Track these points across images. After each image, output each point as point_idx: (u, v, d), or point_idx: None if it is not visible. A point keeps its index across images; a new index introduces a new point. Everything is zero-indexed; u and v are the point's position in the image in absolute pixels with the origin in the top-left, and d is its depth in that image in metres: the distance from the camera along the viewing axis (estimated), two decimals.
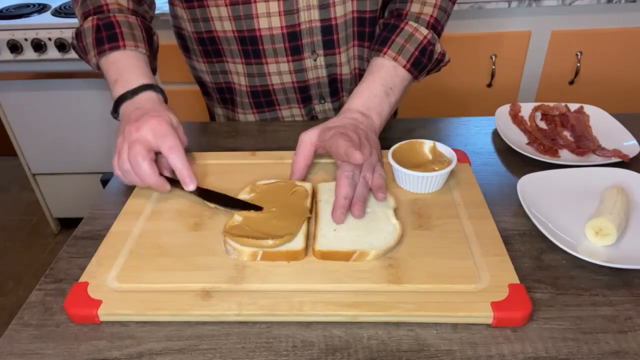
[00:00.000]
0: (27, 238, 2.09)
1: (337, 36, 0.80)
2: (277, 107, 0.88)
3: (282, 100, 0.87)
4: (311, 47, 0.80)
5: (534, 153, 0.73)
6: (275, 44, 0.79)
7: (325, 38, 0.80)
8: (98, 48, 0.71)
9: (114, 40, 0.70)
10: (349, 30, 0.81)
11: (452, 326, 0.48)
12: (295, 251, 0.54)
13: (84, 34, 0.73)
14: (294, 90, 0.85)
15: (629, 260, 0.54)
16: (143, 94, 0.68)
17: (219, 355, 0.46)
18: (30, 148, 1.85)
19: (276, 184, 0.65)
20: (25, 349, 0.48)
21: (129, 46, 0.70)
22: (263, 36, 0.78)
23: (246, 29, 0.78)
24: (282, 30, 0.78)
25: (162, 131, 0.62)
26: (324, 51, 0.81)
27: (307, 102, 0.88)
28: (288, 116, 0.90)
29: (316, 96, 0.87)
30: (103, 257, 0.56)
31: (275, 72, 0.83)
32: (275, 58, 0.81)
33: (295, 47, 0.80)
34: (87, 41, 0.72)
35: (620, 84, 1.64)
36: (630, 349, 0.46)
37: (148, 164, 0.61)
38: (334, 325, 0.49)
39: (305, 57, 0.81)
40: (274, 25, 0.77)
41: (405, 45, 0.73)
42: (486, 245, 0.56)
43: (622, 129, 0.77)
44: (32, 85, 1.70)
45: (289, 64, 0.82)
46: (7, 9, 1.71)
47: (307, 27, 0.78)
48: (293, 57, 0.81)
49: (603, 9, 1.51)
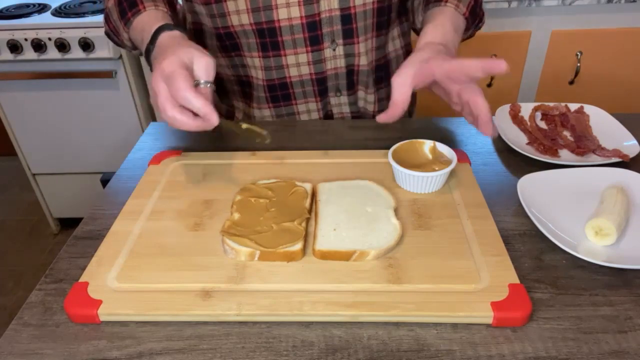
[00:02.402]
0: (27, 238, 2.09)
1: (356, 25, 0.80)
2: (293, 102, 0.88)
3: (299, 94, 0.87)
4: (331, 36, 0.80)
5: (534, 153, 0.73)
6: (294, 34, 0.79)
7: (344, 27, 0.80)
8: (123, 19, 0.74)
9: (135, 6, 0.73)
10: (368, 21, 0.81)
11: (452, 326, 0.48)
12: (293, 252, 0.54)
13: (110, 13, 0.76)
14: (311, 83, 0.85)
15: (629, 260, 0.54)
16: (158, 41, 0.67)
17: (219, 355, 0.46)
18: (30, 148, 1.85)
19: (276, 183, 0.65)
20: (25, 349, 0.48)
21: (148, 7, 0.73)
22: (282, 27, 0.78)
23: (265, 20, 0.78)
24: (301, 20, 0.78)
25: (168, 73, 0.57)
26: (343, 40, 0.81)
27: (323, 96, 0.87)
28: (304, 111, 0.89)
29: (333, 88, 0.87)
30: (103, 257, 0.56)
31: (293, 64, 0.83)
32: (294, 49, 0.81)
33: (314, 37, 0.80)
34: (114, 18, 0.76)
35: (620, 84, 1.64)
36: (630, 349, 0.46)
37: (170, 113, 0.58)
38: (334, 325, 0.49)
39: (324, 47, 0.81)
40: (294, 16, 0.77)
41: None
42: (486, 245, 0.56)
43: (622, 129, 0.77)
44: (32, 85, 1.70)
45: (307, 54, 0.82)
46: (7, 9, 1.71)
47: (327, 17, 0.78)
48: (312, 47, 0.81)
49: (603, 9, 1.51)
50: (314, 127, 0.85)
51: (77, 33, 1.58)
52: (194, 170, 0.71)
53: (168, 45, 0.64)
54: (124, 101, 1.73)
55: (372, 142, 0.79)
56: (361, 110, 0.91)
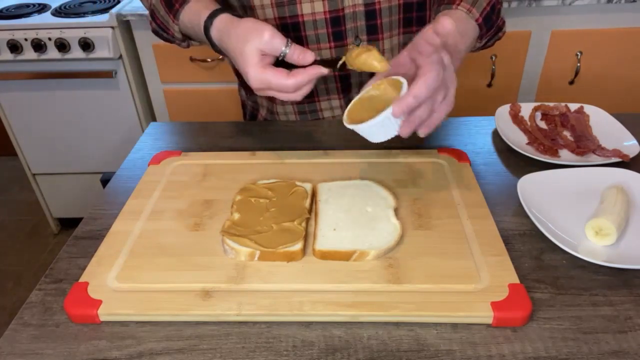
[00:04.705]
0: (27, 238, 2.09)
1: (381, 21, 0.80)
2: (316, 99, 0.88)
3: (321, 90, 0.86)
4: (354, 32, 0.80)
5: (534, 153, 0.73)
6: (317, 29, 0.79)
7: (368, 23, 0.79)
8: (171, 12, 0.73)
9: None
10: (394, 17, 0.80)
11: (452, 326, 0.48)
12: (293, 252, 0.54)
13: (156, 9, 0.76)
14: (334, 79, 0.85)
15: (629, 260, 0.54)
16: (212, 28, 0.67)
17: (219, 355, 0.46)
18: (30, 148, 1.85)
19: (276, 183, 0.65)
20: (25, 349, 0.48)
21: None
22: (305, 22, 0.78)
23: (288, 15, 0.78)
24: (324, 16, 0.78)
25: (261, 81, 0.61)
26: (367, 37, 0.81)
27: (346, 92, 0.87)
28: (327, 108, 0.89)
29: (356, 85, 0.86)
30: (103, 257, 0.56)
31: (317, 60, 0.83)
32: (317, 45, 0.81)
33: (337, 33, 0.80)
34: (161, 14, 0.76)
35: (620, 84, 1.64)
36: (630, 349, 0.46)
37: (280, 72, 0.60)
38: (334, 325, 0.49)
39: (347, 43, 0.81)
40: (317, 10, 0.77)
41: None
42: (486, 245, 0.56)
43: (622, 129, 0.77)
44: (32, 85, 1.70)
45: (330, 50, 0.81)
46: (7, 9, 1.71)
47: (350, 12, 0.78)
48: (335, 42, 0.80)
49: (603, 9, 1.51)
50: (314, 127, 0.85)
51: (77, 33, 1.58)
52: (194, 170, 0.71)
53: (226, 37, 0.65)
54: (124, 101, 1.73)
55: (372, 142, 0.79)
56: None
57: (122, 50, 1.63)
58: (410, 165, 0.70)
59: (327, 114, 0.89)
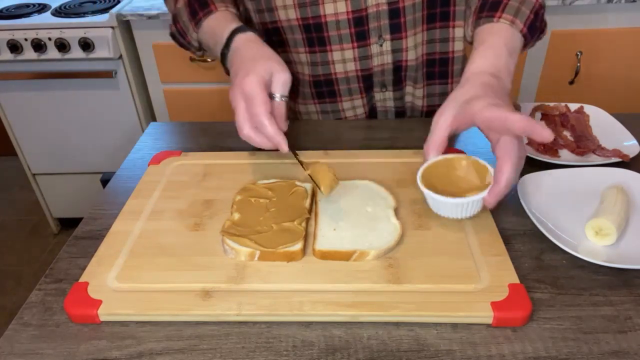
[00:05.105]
0: (27, 238, 2.09)
1: (404, 19, 0.79)
2: (338, 99, 0.88)
3: (344, 90, 0.86)
4: (378, 31, 0.79)
5: (534, 153, 0.73)
6: (340, 29, 0.79)
7: (392, 21, 0.79)
8: (194, 20, 0.74)
9: (206, 7, 0.73)
10: (418, 14, 0.79)
11: (452, 326, 0.48)
12: (293, 252, 0.54)
13: (179, 14, 0.77)
14: (356, 80, 0.85)
15: (629, 260, 0.54)
16: (233, 43, 0.68)
17: (219, 355, 0.46)
18: (30, 148, 1.85)
19: (276, 183, 0.65)
20: (25, 349, 0.48)
21: (220, 8, 0.73)
22: (328, 22, 0.78)
23: (311, 15, 0.78)
24: (347, 16, 0.77)
25: (248, 94, 0.62)
26: (391, 35, 0.80)
27: (368, 92, 0.87)
28: (349, 107, 0.89)
29: (378, 84, 0.86)
30: (103, 257, 0.56)
31: (339, 60, 0.82)
32: (340, 45, 0.80)
33: (361, 33, 0.79)
34: (183, 19, 0.76)
35: (620, 84, 1.64)
36: (630, 349, 0.46)
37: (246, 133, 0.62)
38: (334, 325, 0.49)
39: (371, 42, 0.80)
40: (340, 11, 0.77)
41: (520, 7, 0.66)
42: (486, 245, 0.56)
43: (622, 129, 0.77)
44: (32, 85, 1.70)
45: (353, 50, 0.81)
46: (7, 9, 1.71)
47: (374, 11, 0.77)
48: (358, 42, 0.80)
49: (603, 9, 1.51)
50: (314, 127, 0.85)
51: (77, 33, 1.58)
52: (194, 170, 0.71)
53: (245, 52, 0.67)
54: (124, 101, 1.73)
55: (372, 142, 0.79)
56: (407, 105, 0.90)
57: (122, 50, 1.63)
58: (410, 165, 0.70)
59: (349, 114, 0.89)
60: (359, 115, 0.89)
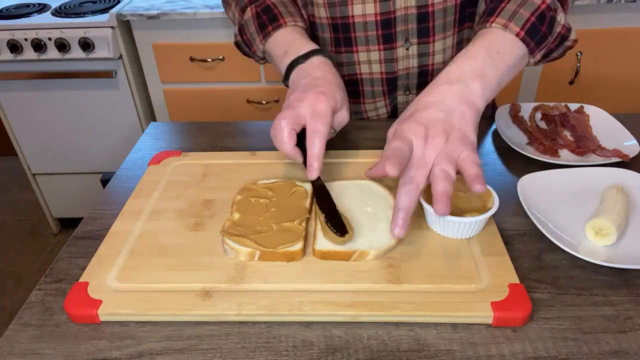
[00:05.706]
0: (27, 238, 2.09)
1: (433, 24, 0.78)
2: (361, 100, 0.88)
3: (367, 92, 0.86)
4: (404, 35, 0.79)
5: (534, 153, 0.73)
6: (367, 31, 0.79)
7: (420, 26, 0.78)
8: (262, 33, 0.74)
9: (276, 20, 0.73)
10: (449, 18, 0.78)
11: (452, 326, 0.48)
12: (293, 252, 0.54)
13: (246, 25, 0.76)
14: (381, 82, 0.85)
15: (629, 260, 0.54)
16: (314, 58, 0.68)
17: (219, 355, 0.46)
18: (30, 148, 1.86)
19: (276, 183, 0.65)
20: (25, 349, 0.48)
21: (289, 22, 0.73)
22: (356, 23, 0.78)
23: (339, 15, 0.78)
24: (375, 18, 0.77)
25: (319, 112, 0.61)
26: (418, 40, 0.80)
27: (392, 94, 0.87)
28: (372, 109, 0.89)
29: (402, 87, 0.86)
30: (103, 257, 0.56)
31: (365, 61, 0.83)
32: (366, 46, 0.80)
33: (387, 35, 0.79)
34: (250, 31, 0.76)
35: (620, 84, 1.64)
36: (630, 349, 0.46)
37: (287, 133, 0.61)
38: (334, 325, 0.49)
39: (397, 45, 0.80)
40: (368, 12, 0.77)
41: (518, 10, 0.62)
42: (486, 245, 0.56)
43: (622, 129, 0.77)
44: (32, 85, 1.70)
45: (379, 52, 0.81)
46: (7, 9, 1.71)
47: (402, 15, 0.77)
48: (385, 45, 0.80)
49: (603, 9, 1.51)
50: None
51: (77, 33, 1.58)
52: (194, 170, 0.71)
53: (326, 74, 0.67)
54: (124, 101, 1.73)
55: (372, 142, 0.79)
56: None
57: (122, 50, 1.63)
58: None
59: (371, 114, 0.89)
60: (381, 115, 0.89)
